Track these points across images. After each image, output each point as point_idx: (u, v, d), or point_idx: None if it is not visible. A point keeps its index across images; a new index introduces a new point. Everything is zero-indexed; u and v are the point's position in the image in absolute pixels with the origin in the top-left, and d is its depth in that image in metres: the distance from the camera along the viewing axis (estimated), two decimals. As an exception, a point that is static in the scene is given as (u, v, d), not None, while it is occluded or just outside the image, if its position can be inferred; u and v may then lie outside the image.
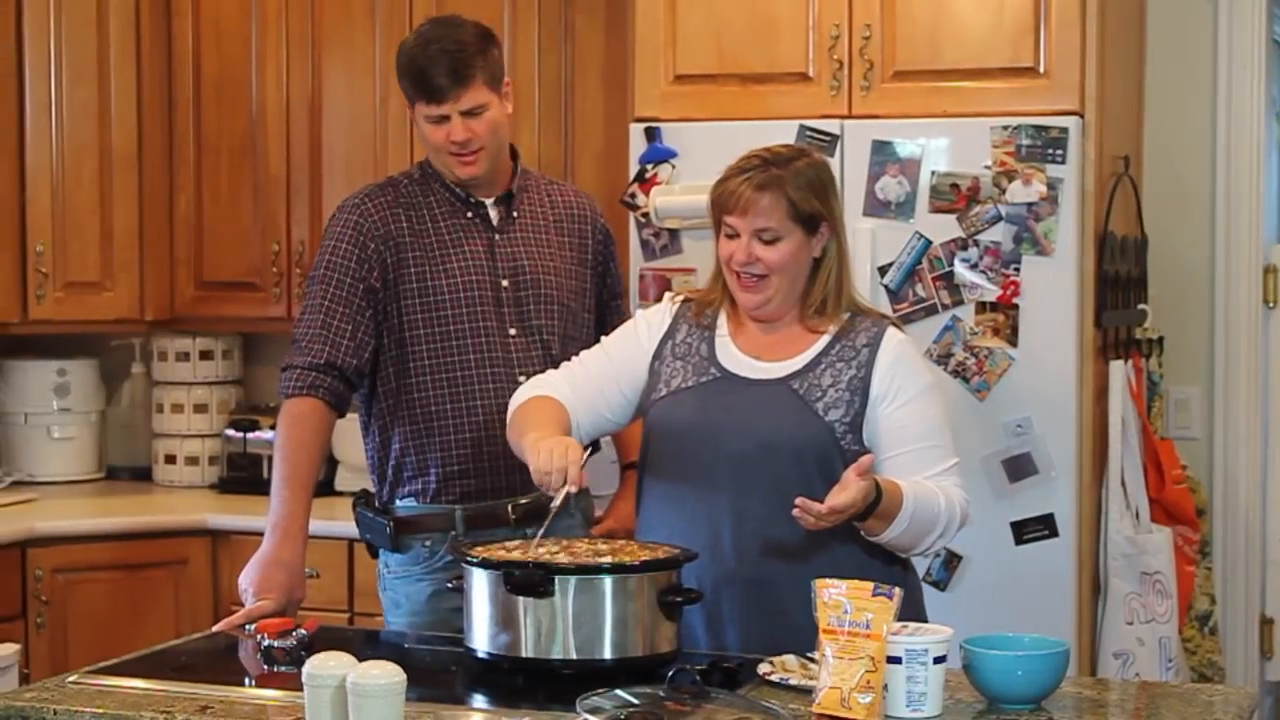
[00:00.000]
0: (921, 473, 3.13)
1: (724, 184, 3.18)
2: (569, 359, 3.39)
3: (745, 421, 3.15)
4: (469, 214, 3.59)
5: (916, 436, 3.15)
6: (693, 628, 3.08)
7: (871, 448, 3.13)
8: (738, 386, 3.20)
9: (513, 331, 3.57)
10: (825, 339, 3.20)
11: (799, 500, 2.93)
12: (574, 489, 2.99)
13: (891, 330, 3.22)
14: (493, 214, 3.60)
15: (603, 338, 3.40)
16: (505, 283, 3.58)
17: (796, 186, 3.14)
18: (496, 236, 3.59)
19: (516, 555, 2.93)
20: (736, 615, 3.14)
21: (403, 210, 3.57)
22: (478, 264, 3.57)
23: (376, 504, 3.64)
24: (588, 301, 3.73)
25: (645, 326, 3.34)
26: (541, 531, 3.00)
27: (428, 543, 3.56)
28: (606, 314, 3.77)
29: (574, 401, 3.26)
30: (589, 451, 3.25)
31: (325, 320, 3.50)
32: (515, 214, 3.63)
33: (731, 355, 3.24)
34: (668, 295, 3.41)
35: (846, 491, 2.94)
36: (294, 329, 3.56)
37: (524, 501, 3.48)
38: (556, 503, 3.00)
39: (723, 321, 3.28)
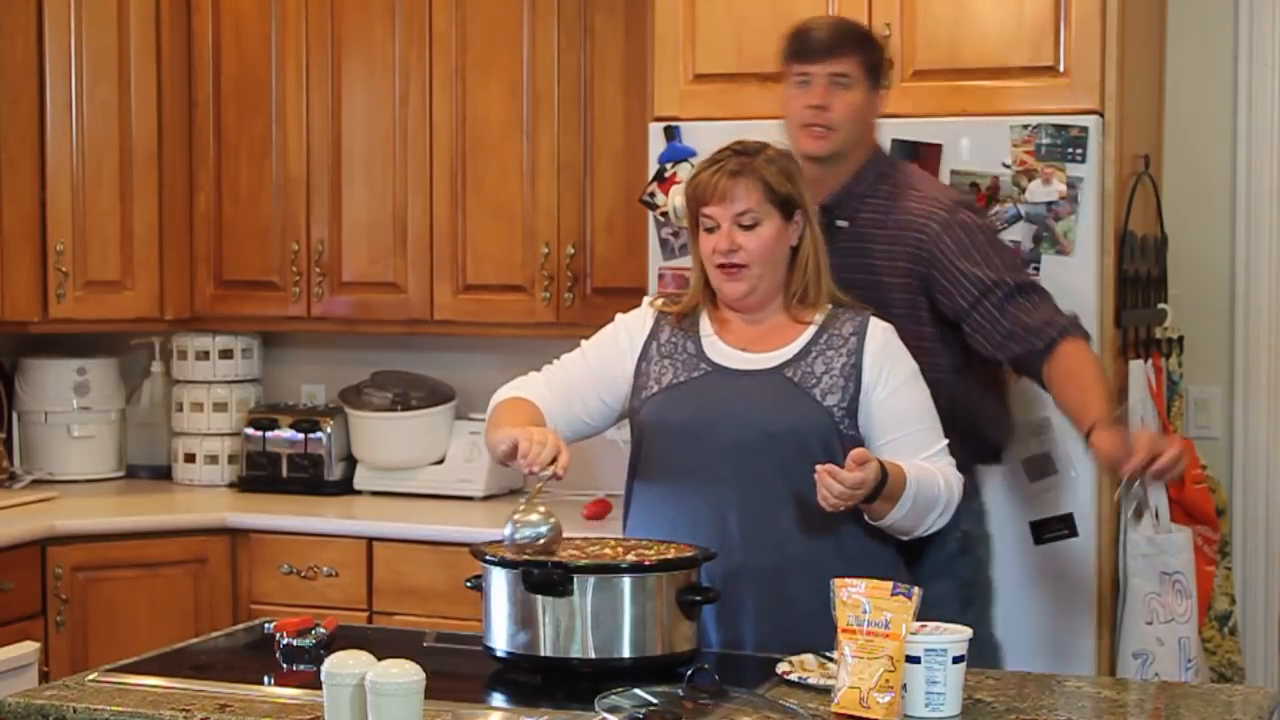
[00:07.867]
0: (917, 455, 3.22)
1: (696, 179, 3.27)
2: None
3: (745, 411, 3.20)
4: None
5: (910, 420, 3.25)
6: (704, 621, 3.09)
7: (865, 433, 3.21)
8: (731, 378, 3.25)
9: None
10: (812, 329, 3.27)
11: (823, 466, 3.00)
12: (561, 474, 3.01)
13: (875, 319, 3.30)
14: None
15: (583, 341, 3.41)
16: None
17: (770, 171, 3.23)
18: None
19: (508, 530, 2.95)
20: (749, 606, 3.18)
21: None
22: None
23: None
24: None
25: (625, 331, 3.38)
26: (524, 502, 2.99)
27: None
28: None
29: (551, 405, 3.31)
30: None
31: None
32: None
33: (720, 350, 3.29)
34: (646, 299, 3.45)
35: (863, 468, 3.02)
36: None
37: None
38: (546, 474, 3.00)
39: (705, 322, 3.33)
